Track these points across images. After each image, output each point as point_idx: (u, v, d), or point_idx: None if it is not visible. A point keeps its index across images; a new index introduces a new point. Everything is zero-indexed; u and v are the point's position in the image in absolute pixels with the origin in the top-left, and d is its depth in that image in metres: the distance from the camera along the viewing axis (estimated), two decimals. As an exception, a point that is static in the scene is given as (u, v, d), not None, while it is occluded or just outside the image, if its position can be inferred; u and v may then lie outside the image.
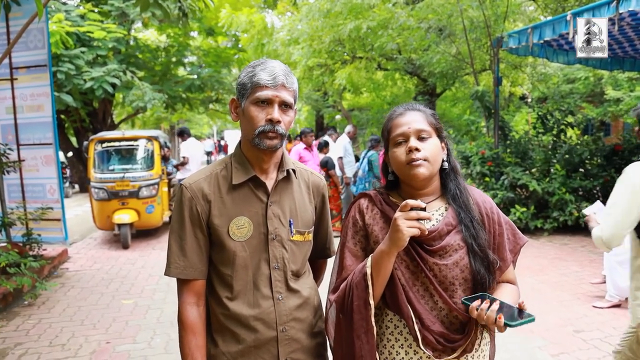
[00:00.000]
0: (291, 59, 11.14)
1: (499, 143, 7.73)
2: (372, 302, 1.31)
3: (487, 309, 1.23)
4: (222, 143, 35.38)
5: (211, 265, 1.49)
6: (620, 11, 4.65)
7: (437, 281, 1.33)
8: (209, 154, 28.67)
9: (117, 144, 7.63)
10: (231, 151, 1.59)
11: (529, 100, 12.72)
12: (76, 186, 14.91)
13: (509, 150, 7.73)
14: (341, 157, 8.42)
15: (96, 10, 11.96)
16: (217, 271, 1.48)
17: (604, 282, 4.69)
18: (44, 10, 5.17)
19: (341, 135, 9.30)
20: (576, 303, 4.46)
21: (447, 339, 1.31)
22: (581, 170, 7.51)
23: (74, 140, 14.85)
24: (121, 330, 4.11)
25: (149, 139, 7.68)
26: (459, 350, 1.32)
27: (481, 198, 1.46)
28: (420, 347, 1.30)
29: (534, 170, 7.66)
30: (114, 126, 14.96)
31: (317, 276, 1.75)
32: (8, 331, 4.13)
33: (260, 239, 1.46)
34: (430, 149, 1.36)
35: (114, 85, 10.95)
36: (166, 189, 8.09)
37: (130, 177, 7.19)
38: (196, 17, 8.67)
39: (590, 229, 2.22)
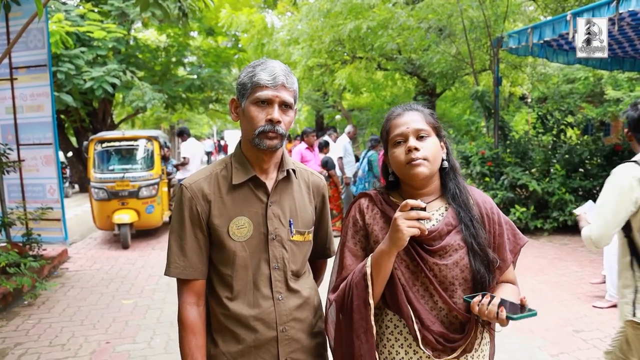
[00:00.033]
0: (291, 59, 11.14)
1: (499, 143, 7.73)
2: (371, 301, 1.32)
3: (488, 303, 1.23)
4: (222, 143, 35.38)
5: (211, 265, 1.49)
6: (620, 11, 4.64)
7: (437, 281, 1.33)
8: (209, 154, 28.67)
9: (117, 144, 7.63)
10: (231, 151, 1.58)
11: (529, 100, 12.71)
12: (76, 186, 14.91)
13: (508, 151, 7.73)
14: (341, 157, 8.43)
15: (96, 10, 11.96)
16: (217, 271, 1.48)
17: (604, 282, 4.69)
18: (44, 10, 5.17)
19: (341, 136, 9.30)
20: (576, 303, 4.46)
21: (446, 339, 1.32)
22: (581, 170, 7.51)
23: (74, 140, 14.85)
24: (121, 330, 4.12)
25: (149, 139, 7.68)
26: (459, 350, 1.32)
27: (481, 198, 1.46)
28: (420, 346, 1.31)
29: (533, 170, 7.66)
30: (114, 126, 14.95)
31: (317, 276, 1.75)
32: (8, 331, 4.13)
33: (260, 239, 1.46)
34: (429, 148, 1.36)
35: (114, 85, 10.95)
36: (166, 189, 8.09)
37: (130, 177, 7.20)
38: (196, 17, 8.67)
39: (581, 228, 2.23)
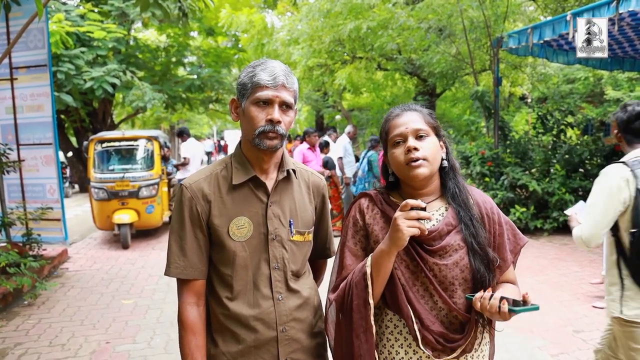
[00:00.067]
0: (291, 59, 11.14)
1: (499, 143, 7.73)
2: (371, 301, 1.32)
3: (490, 298, 1.23)
4: (222, 143, 35.38)
5: (211, 265, 1.49)
6: (620, 11, 4.64)
7: (437, 281, 1.33)
8: (209, 154, 28.67)
9: (117, 144, 7.63)
10: (231, 151, 1.59)
11: (529, 100, 12.70)
12: (76, 186, 14.91)
13: (508, 151, 7.73)
14: (341, 157, 8.43)
15: (96, 10, 11.96)
16: (217, 271, 1.48)
17: (604, 282, 4.69)
18: (44, 10, 5.17)
19: (341, 136, 9.30)
20: (576, 303, 4.46)
21: (446, 339, 1.32)
22: (581, 170, 7.50)
23: (74, 140, 14.85)
24: (121, 330, 4.12)
25: (149, 139, 7.68)
26: (459, 350, 1.32)
27: (481, 198, 1.47)
28: (419, 346, 1.31)
29: (533, 171, 7.65)
30: (114, 126, 14.95)
31: (317, 276, 1.75)
32: (8, 331, 4.13)
33: (260, 239, 1.46)
34: (428, 147, 1.37)
35: (114, 85, 10.95)
36: (166, 189, 8.09)
37: (130, 177, 7.20)
38: (196, 17, 8.67)
39: (572, 228, 2.26)
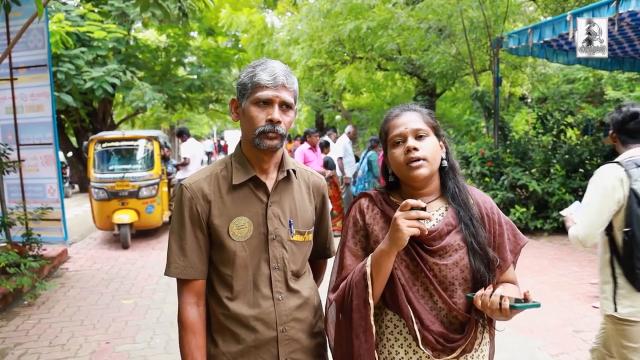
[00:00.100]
0: (291, 59, 11.13)
1: (499, 143, 7.73)
2: (371, 301, 1.32)
3: (490, 295, 1.23)
4: (222, 143, 35.37)
5: (211, 265, 1.49)
6: (620, 11, 4.64)
7: (437, 281, 1.33)
8: (209, 154, 28.66)
9: (117, 144, 7.63)
10: (231, 151, 1.58)
11: (529, 100, 12.70)
12: (76, 186, 14.90)
13: (508, 151, 7.73)
14: (341, 158, 8.43)
15: (96, 10, 11.96)
16: (217, 271, 1.48)
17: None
18: (44, 10, 5.17)
19: (341, 136, 9.30)
20: (576, 303, 4.46)
21: (446, 339, 1.32)
22: (581, 170, 7.50)
23: (74, 140, 14.85)
24: (121, 331, 4.12)
25: (149, 139, 7.68)
26: (459, 350, 1.32)
27: (481, 198, 1.47)
28: (419, 346, 1.31)
29: (533, 171, 7.65)
30: (114, 126, 14.95)
31: (317, 276, 1.75)
32: (8, 331, 4.13)
33: (260, 239, 1.46)
34: (428, 147, 1.37)
35: (114, 85, 10.95)
36: (166, 189, 8.09)
37: (130, 177, 7.20)
38: (196, 17, 8.67)
39: (567, 228, 2.29)
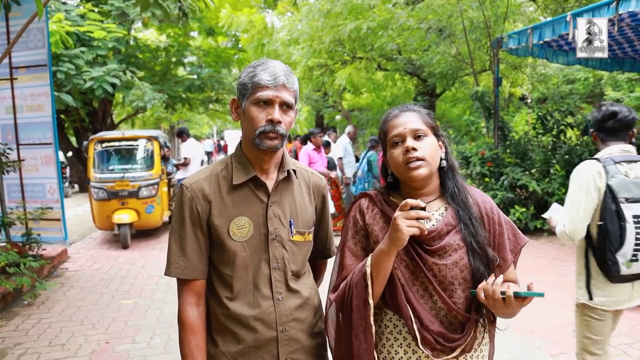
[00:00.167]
0: (291, 59, 11.14)
1: (499, 143, 7.73)
2: (371, 301, 1.32)
3: (493, 284, 1.25)
4: (222, 143, 35.35)
5: (211, 265, 1.49)
6: (620, 12, 4.64)
7: (436, 281, 1.33)
8: (209, 154, 28.66)
9: (116, 143, 7.63)
10: (231, 151, 1.58)
11: (529, 100, 12.70)
12: (76, 186, 14.89)
13: (508, 151, 7.73)
14: (341, 158, 8.43)
15: (96, 10, 11.96)
16: (217, 271, 1.48)
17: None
18: (44, 10, 5.18)
19: (341, 136, 9.30)
20: (576, 303, 4.46)
21: (446, 339, 1.32)
22: (581, 170, 7.50)
23: (73, 140, 14.84)
24: (120, 330, 4.12)
25: (149, 139, 7.68)
26: (458, 350, 1.32)
27: (481, 198, 1.47)
28: (419, 346, 1.31)
29: (533, 171, 7.66)
30: (113, 126, 14.95)
31: (317, 276, 1.75)
32: (7, 331, 4.13)
33: (261, 239, 1.46)
34: (427, 147, 1.37)
35: (113, 85, 10.95)
36: (166, 189, 8.08)
37: (130, 177, 7.19)
38: (196, 17, 8.67)
39: (553, 228, 2.38)
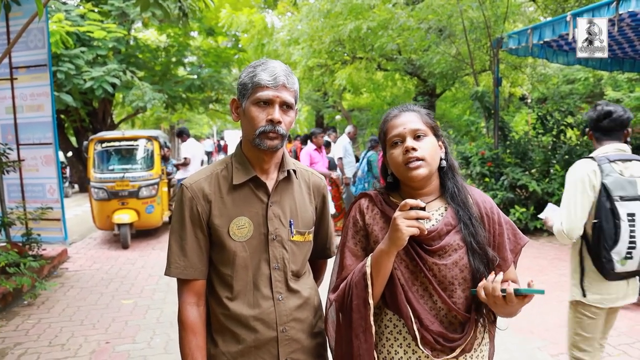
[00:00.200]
0: (291, 59, 11.14)
1: (499, 144, 7.73)
2: (371, 301, 1.32)
3: (493, 281, 1.25)
4: (222, 143, 35.35)
5: (211, 265, 1.49)
6: (620, 12, 4.64)
7: (436, 281, 1.34)
8: (209, 154, 28.66)
9: (117, 143, 7.63)
10: (231, 151, 1.58)
11: (529, 100, 12.70)
12: (76, 186, 14.89)
13: (508, 151, 7.73)
14: (341, 158, 8.43)
15: (96, 10, 11.96)
16: (217, 271, 1.48)
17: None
18: (44, 10, 5.17)
19: (341, 136, 9.30)
20: (576, 303, 4.46)
21: (445, 339, 1.32)
22: (581, 170, 7.50)
23: (73, 140, 14.84)
24: (121, 330, 4.12)
25: (149, 139, 7.68)
26: (458, 350, 1.32)
27: (481, 198, 1.47)
28: (419, 346, 1.31)
29: (533, 171, 7.66)
30: (113, 126, 14.95)
31: (317, 276, 1.75)
32: (7, 331, 4.13)
33: (261, 239, 1.46)
34: (427, 147, 1.37)
35: (114, 85, 10.94)
36: (166, 189, 8.08)
37: (130, 177, 7.19)
38: (196, 17, 8.67)
39: (549, 228, 2.39)
